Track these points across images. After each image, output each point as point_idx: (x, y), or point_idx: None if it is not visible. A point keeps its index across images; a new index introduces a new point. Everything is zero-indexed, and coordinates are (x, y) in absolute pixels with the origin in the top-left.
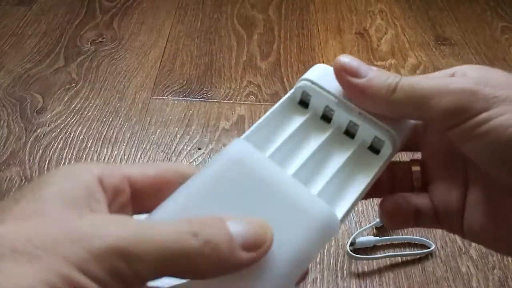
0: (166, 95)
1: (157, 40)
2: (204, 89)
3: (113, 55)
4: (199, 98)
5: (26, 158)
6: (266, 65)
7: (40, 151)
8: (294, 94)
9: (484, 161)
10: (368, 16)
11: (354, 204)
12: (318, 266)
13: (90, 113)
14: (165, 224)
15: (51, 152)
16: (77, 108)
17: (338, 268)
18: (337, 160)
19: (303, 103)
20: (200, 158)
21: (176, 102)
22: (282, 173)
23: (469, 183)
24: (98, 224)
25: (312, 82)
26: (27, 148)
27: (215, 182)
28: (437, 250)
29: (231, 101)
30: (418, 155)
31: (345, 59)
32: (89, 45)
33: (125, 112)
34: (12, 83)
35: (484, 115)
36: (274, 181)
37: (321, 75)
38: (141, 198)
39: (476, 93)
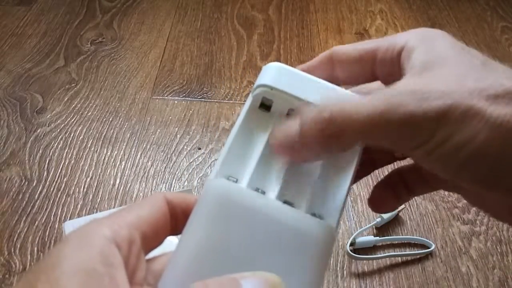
0: (166, 95)
1: (157, 40)
2: (204, 89)
3: (113, 55)
4: (199, 98)
5: (26, 158)
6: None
7: (40, 151)
8: (253, 104)
9: (446, 175)
10: (368, 16)
11: (344, 203)
12: None
13: (90, 113)
14: None
15: (51, 152)
16: (77, 108)
17: (338, 268)
18: (314, 164)
19: (264, 105)
20: (200, 158)
21: (176, 102)
22: (267, 201)
23: None
24: None
25: (271, 88)
26: (27, 148)
27: (212, 232)
28: (437, 250)
29: (231, 101)
30: None
31: (276, 138)
32: (89, 45)
33: (125, 112)
34: (12, 83)
35: (431, 144)
36: (264, 214)
37: (277, 78)
38: (150, 239)
39: (417, 121)
